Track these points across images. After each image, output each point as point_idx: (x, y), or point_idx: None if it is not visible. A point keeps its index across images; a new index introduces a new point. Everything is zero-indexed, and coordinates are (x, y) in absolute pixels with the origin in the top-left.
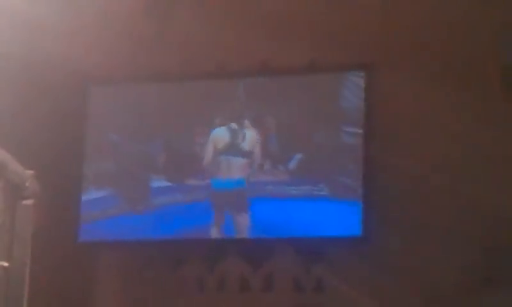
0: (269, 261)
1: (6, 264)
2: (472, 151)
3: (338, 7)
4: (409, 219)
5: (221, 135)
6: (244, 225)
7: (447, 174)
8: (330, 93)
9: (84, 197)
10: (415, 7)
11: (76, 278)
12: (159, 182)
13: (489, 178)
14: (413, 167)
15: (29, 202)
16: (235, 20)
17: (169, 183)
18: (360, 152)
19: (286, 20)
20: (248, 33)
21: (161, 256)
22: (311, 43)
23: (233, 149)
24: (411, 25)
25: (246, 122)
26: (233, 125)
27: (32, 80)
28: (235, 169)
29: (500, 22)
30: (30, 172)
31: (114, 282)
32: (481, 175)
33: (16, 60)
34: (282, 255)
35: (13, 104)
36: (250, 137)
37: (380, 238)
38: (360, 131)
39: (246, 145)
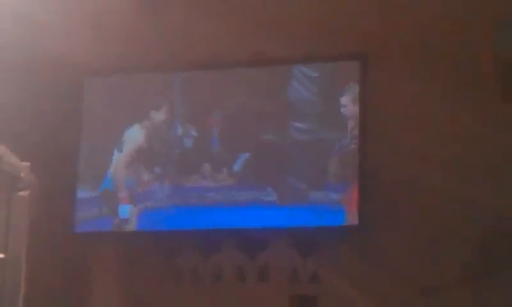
0: (265, 251)
1: (1, 255)
2: (470, 145)
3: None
4: (407, 211)
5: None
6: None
7: (444, 169)
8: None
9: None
10: (411, 1)
11: (72, 269)
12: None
13: (487, 173)
14: (410, 160)
15: (24, 193)
16: (228, 10)
17: None
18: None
19: (279, 11)
20: (241, 24)
21: (157, 247)
22: (305, 34)
23: None
24: (406, 19)
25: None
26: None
27: (27, 73)
28: None
29: (496, 15)
30: (25, 164)
31: (110, 273)
32: (479, 170)
33: (11, 53)
34: (278, 245)
35: (8, 96)
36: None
37: (377, 230)
38: (311, 127)
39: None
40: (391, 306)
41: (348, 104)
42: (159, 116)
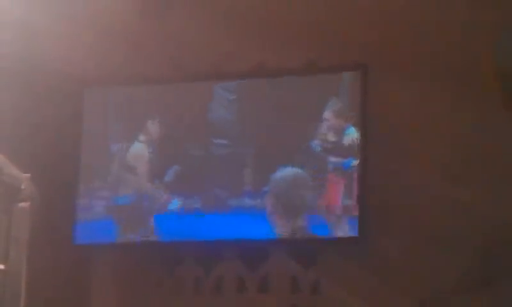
0: (266, 262)
1: (2, 266)
2: (470, 154)
3: (333, 8)
4: (407, 221)
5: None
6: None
7: (444, 177)
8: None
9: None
10: (410, 10)
11: (73, 280)
12: None
13: (488, 181)
14: (410, 169)
15: (25, 205)
16: (229, 21)
17: None
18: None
19: (280, 22)
20: (243, 35)
21: (158, 258)
22: (307, 45)
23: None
24: (407, 27)
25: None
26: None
27: (27, 84)
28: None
29: (497, 24)
30: (26, 175)
31: (111, 284)
32: (479, 178)
33: (11, 64)
34: (279, 256)
35: (9, 107)
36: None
37: (377, 240)
38: (227, 142)
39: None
40: None
41: (330, 119)
42: (154, 128)
